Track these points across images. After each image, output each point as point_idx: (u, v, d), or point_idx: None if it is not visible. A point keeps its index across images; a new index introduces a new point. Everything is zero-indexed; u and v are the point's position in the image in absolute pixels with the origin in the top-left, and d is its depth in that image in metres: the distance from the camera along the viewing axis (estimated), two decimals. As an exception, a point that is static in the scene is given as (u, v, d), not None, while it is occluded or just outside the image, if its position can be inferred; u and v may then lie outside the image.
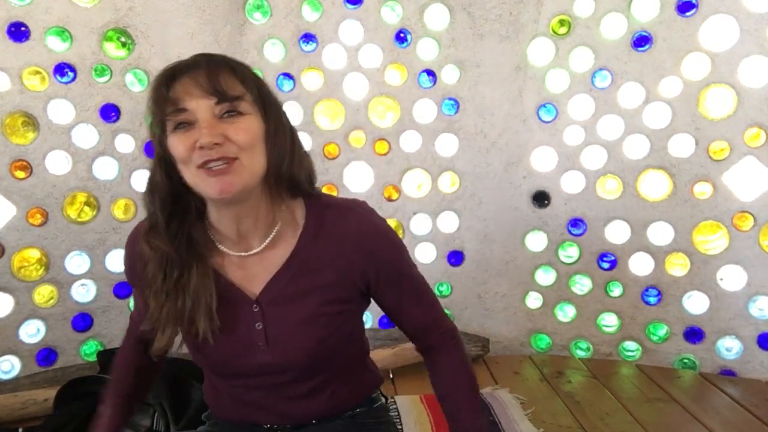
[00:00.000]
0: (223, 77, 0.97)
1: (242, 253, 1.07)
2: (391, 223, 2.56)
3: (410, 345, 2.16)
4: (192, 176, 0.97)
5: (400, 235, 2.64)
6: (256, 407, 1.14)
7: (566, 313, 2.73)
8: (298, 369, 1.09)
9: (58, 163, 2.35)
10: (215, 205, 1.03)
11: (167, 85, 0.97)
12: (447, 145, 2.67)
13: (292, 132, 1.06)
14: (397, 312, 1.15)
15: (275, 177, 1.03)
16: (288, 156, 1.04)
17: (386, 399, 1.29)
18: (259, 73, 1.11)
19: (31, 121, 2.30)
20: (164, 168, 1.01)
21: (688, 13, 2.38)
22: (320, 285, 1.06)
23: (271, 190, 1.05)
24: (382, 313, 1.27)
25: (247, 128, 0.97)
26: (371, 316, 2.70)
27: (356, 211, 1.09)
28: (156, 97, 0.98)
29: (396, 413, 2.10)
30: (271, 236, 1.06)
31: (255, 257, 1.07)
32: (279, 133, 1.02)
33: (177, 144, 0.96)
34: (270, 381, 1.10)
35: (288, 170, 1.04)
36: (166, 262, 1.03)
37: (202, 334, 1.03)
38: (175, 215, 1.04)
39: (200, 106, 0.95)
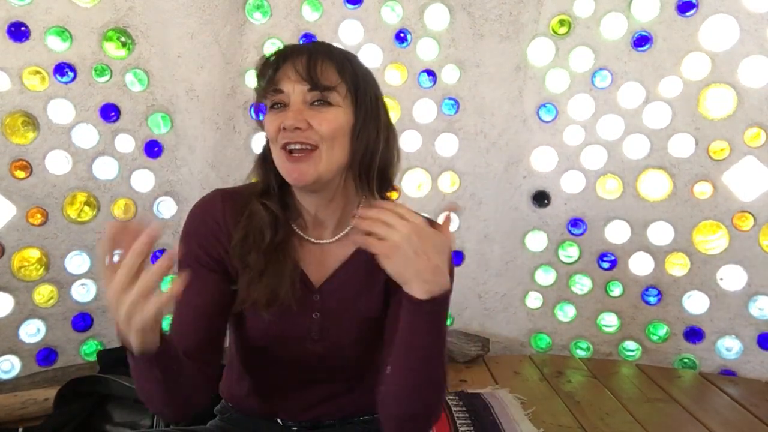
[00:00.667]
0: (321, 66, 1.00)
1: (313, 240, 1.09)
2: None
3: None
4: (276, 156, 1.02)
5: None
6: (279, 399, 1.15)
7: (566, 313, 2.73)
8: (343, 365, 1.10)
9: (58, 163, 2.35)
10: (295, 189, 1.06)
11: (273, 66, 1.03)
12: (447, 145, 2.66)
13: (387, 129, 1.08)
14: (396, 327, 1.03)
15: (361, 171, 1.04)
16: (378, 152, 1.05)
17: None
18: None
19: (31, 121, 2.30)
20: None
21: (688, 13, 2.38)
22: (379, 284, 1.08)
23: (356, 183, 1.06)
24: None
25: (332, 119, 1.00)
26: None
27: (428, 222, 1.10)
28: (261, 76, 1.04)
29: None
30: (346, 230, 1.09)
31: (325, 245, 1.09)
32: (368, 129, 1.04)
33: (268, 122, 1.03)
34: (308, 374, 1.11)
35: (377, 166, 1.05)
36: (276, 223, 1.05)
37: (285, 300, 1.02)
38: (282, 185, 1.07)
39: (294, 90, 1.00)
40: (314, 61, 1.00)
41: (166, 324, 1.01)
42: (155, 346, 0.85)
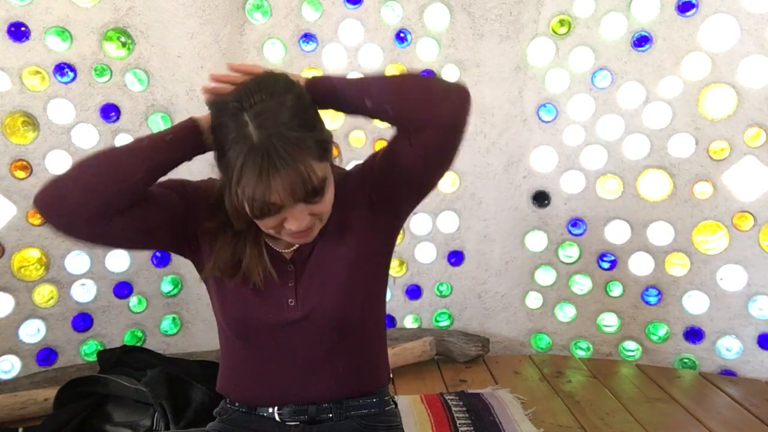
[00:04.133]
0: (310, 170, 0.97)
1: (285, 250, 1.16)
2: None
3: (410, 345, 2.17)
4: (273, 233, 1.06)
5: (401, 236, 2.64)
6: (269, 381, 1.17)
7: (566, 313, 2.73)
8: (324, 325, 1.13)
9: (58, 163, 2.35)
10: None
11: (258, 187, 0.95)
12: (447, 145, 2.66)
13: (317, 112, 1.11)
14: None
15: None
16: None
17: (395, 404, 1.30)
18: None
19: (31, 121, 2.30)
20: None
21: (688, 13, 2.38)
22: (351, 239, 1.14)
23: None
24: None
25: (330, 199, 1.06)
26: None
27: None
28: (250, 202, 0.97)
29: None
30: None
31: None
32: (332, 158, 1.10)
33: (265, 224, 1.03)
34: (291, 344, 1.14)
35: None
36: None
37: (254, 280, 1.11)
38: None
39: (296, 209, 1.01)
40: (306, 172, 0.96)
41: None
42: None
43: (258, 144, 0.95)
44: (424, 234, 2.72)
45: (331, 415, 1.18)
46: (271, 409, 1.18)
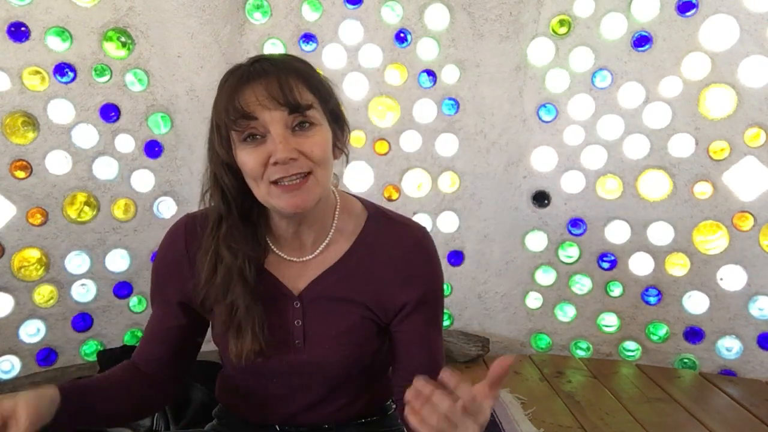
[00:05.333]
0: (294, 85, 0.93)
1: (294, 259, 1.06)
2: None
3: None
4: (263, 193, 0.96)
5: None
6: (271, 406, 1.13)
7: (566, 313, 2.73)
8: (329, 371, 1.07)
9: (58, 163, 2.35)
10: (280, 214, 1.01)
11: (236, 92, 0.92)
12: (447, 145, 2.66)
13: (346, 123, 1.06)
14: (405, 345, 1.07)
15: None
16: (347, 153, 1.06)
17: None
18: None
19: (31, 121, 2.30)
20: (230, 171, 0.99)
21: (688, 13, 2.38)
22: (364, 293, 1.05)
23: (328, 192, 1.04)
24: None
25: (321, 141, 0.95)
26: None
27: (418, 232, 1.09)
28: (224, 105, 0.93)
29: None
30: (326, 241, 1.06)
31: (306, 261, 1.07)
32: (343, 136, 1.03)
33: (248, 159, 0.94)
34: (295, 381, 1.09)
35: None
36: (249, 264, 1.01)
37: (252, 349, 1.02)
38: (246, 218, 1.03)
39: (273, 118, 0.91)
40: (287, 81, 0.92)
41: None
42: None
43: (245, 65, 0.95)
44: (424, 234, 2.71)
45: (330, 425, 1.17)
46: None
